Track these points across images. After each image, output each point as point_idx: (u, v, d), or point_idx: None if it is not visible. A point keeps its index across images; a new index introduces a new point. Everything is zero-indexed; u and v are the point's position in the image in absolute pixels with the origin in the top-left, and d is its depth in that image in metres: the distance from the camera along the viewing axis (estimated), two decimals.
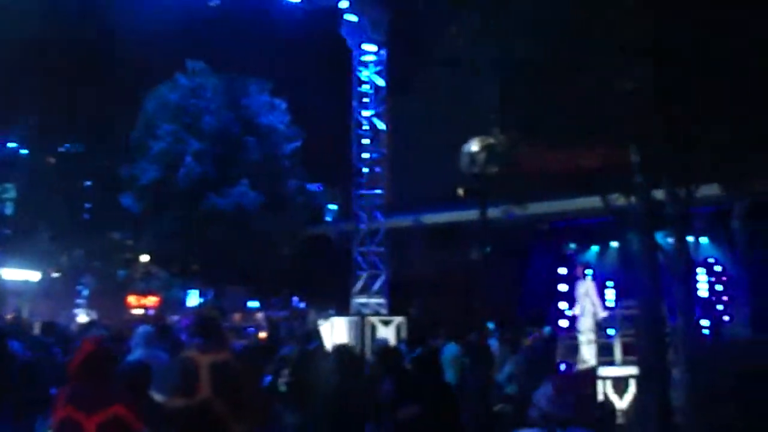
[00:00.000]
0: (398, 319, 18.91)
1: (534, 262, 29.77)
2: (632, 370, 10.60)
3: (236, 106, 24.03)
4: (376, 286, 21.45)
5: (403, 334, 18.27)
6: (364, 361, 9.16)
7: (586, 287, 14.04)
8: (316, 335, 15.93)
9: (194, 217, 22.18)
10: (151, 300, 33.48)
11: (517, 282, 28.98)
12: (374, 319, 19.04)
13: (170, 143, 22.96)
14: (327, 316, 19.32)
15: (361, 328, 18.44)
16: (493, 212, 9.96)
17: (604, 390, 10.95)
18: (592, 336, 12.59)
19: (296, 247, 24.63)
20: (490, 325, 15.29)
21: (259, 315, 23.85)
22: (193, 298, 30.76)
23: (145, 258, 27.85)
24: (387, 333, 17.57)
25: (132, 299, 32.88)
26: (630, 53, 7.00)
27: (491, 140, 9.88)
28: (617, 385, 10.92)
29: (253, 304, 35.33)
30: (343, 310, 21.02)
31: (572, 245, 25.23)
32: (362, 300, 21.34)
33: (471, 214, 24.40)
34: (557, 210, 24.12)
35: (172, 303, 32.83)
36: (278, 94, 25.36)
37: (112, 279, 33.04)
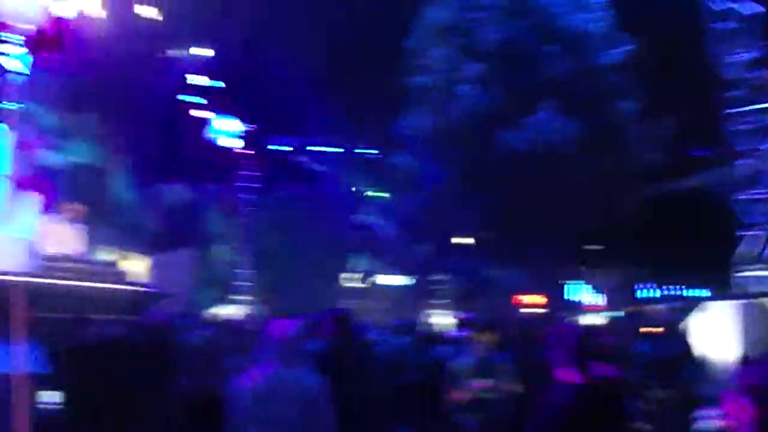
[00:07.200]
0: None
1: None
2: None
3: (526, 11, 16.85)
4: None
5: None
6: None
7: None
8: (671, 332, 9.53)
9: (480, 162, 15.37)
10: (534, 298, 26.57)
11: None
12: None
13: (440, 73, 16.56)
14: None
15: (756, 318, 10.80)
16: None
17: None
18: None
19: (637, 201, 16.64)
20: None
21: (659, 307, 16.02)
22: (581, 293, 24.78)
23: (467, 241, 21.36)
24: None
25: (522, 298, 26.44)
26: None
27: None
28: None
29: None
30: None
31: None
32: (747, 273, 12.78)
33: None
34: None
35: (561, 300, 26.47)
36: None
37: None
